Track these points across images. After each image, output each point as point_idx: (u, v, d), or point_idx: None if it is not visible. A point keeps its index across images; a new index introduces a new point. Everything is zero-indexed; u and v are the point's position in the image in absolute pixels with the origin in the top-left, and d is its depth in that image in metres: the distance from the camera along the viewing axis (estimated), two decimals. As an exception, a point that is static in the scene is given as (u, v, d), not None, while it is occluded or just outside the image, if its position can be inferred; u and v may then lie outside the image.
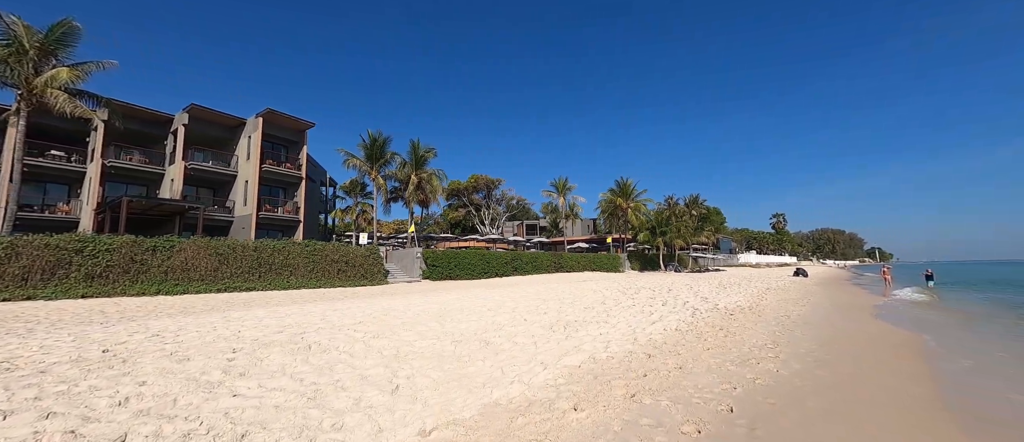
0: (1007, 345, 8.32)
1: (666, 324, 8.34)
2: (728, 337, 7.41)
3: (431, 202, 36.67)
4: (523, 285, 19.55)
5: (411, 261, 25.82)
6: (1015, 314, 12.90)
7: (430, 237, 42.83)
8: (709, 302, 12.51)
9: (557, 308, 9.90)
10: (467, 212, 63.07)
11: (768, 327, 8.63)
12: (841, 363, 5.99)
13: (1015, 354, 7.57)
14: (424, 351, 5.34)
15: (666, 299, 12.71)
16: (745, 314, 10.45)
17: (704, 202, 69.10)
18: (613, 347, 6.13)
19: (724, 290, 17.12)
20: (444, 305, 9.65)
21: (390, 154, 30.63)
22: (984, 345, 8.36)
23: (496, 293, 14.06)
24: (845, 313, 12.20)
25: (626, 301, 12.01)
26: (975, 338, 9.11)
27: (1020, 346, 8.30)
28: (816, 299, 15.55)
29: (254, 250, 17.82)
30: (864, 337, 8.39)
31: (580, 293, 13.88)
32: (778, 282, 25.39)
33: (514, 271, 30.52)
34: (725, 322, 9.01)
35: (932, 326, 10.45)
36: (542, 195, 47.09)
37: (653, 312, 9.94)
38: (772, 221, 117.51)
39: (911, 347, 7.63)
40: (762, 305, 12.47)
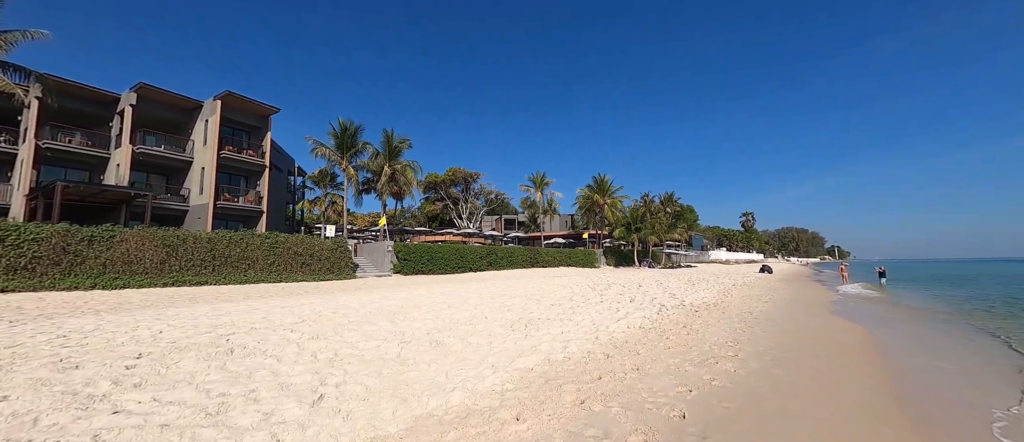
0: (950, 342, 8.64)
1: (631, 322, 8.20)
2: (691, 335, 7.32)
3: (406, 195, 35.78)
4: (495, 280, 19.22)
5: (382, 255, 25.02)
6: (953, 310, 13.63)
7: (405, 230, 41.86)
8: (677, 299, 12.56)
9: (522, 305, 9.61)
10: (444, 206, 62.11)
11: (731, 324, 8.64)
12: (798, 361, 5.96)
13: (954, 351, 7.84)
14: (365, 353, 4.91)
15: (635, 296, 12.67)
16: (710, 311, 10.49)
17: (678, 200, 70.65)
18: (572, 347, 5.87)
19: (693, 286, 17.35)
20: (404, 301, 9.18)
21: (362, 144, 29.51)
22: (929, 341, 8.65)
23: (464, 289, 13.66)
24: (805, 309, 12.50)
25: (595, 298, 11.88)
26: (924, 334, 9.44)
27: (960, 344, 8.63)
28: (778, 296, 15.96)
29: (208, 241, 16.70)
30: (821, 334, 8.52)
31: (550, 289, 13.68)
32: (745, 279, 26.13)
33: (489, 266, 30.16)
34: (690, 319, 8.97)
35: (883, 322, 10.82)
36: (520, 190, 46.70)
37: (620, 309, 9.81)
38: (742, 219, 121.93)
39: (864, 343, 7.78)
40: (727, 302, 12.62)
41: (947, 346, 8.18)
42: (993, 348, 7.99)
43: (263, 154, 25.20)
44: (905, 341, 8.62)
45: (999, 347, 8.05)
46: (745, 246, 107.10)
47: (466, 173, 60.61)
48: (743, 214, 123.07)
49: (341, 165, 29.02)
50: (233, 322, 6.22)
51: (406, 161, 32.26)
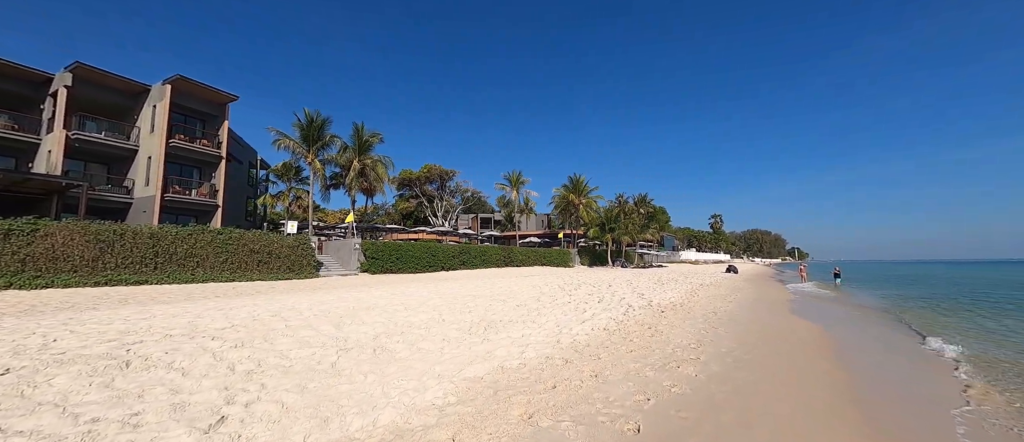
0: (893, 339, 8.92)
1: (596, 323, 7.97)
2: (655, 336, 7.15)
3: (377, 191, 34.56)
4: (465, 280, 18.73)
5: (348, 253, 23.99)
6: (894, 306, 14.35)
7: (376, 228, 40.58)
8: (645, 299, 12.51)
9: (486, 306, 9.22)
10: (419, 203, 60.85)
11: (695, 325, 8.57)
12: (758, 363, 5.86)
13: (901, 350, 8.06)
14: (295, 364, 4.37)
15: (603, 296, 12.53)
16: (676, 311, 10.46)
17: (651, 201, 72.25)
18: (530, 352, 5.53)
19: (661, 286, 17.49)
20: (359, 302, 8.59)
21: (329, 137, 28.23)
22: (880, 340, 8.90)
23: (430, 288, 13.13)
24: (766, 309, 12.76)
25: (563, 298, 11.64)
26: (871, 332, 9.73)
27: (906, 341, 8.92)
28: (742, 295, 16.31)
29: (150, 237, 15.35)
30: (781, 333, 8.59)
31: (519, 289, 13.35)
32: (712, 278, 26.79)
33: (462, 265, 29.59)
34: (655, 320, 8.84)
35: (838, 321, 11.14)
36: (495, 188, 46.24)
37: (587, 310, 9.59)
38: (711, 221, 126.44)
39: (821, 343, 7.86)
40: (693, 302, 12.70)
41: (890, 343, 8.43)
42: (928, 346, 8.27)
43: (219, 144, 23.60)
44: (856, 340, 8.82)
45: (932, 343, 8.35)
46: (713, 247, 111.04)
47: (442, 170, 59.58)
48: (712, 216, 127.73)
49: (307, 158, 27.65)
50: (150, 327, 5.49)
51: (377, 156, 31.16)
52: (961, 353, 7.23)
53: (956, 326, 10.65)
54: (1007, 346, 8.10)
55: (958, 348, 7.49)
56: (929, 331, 9.55)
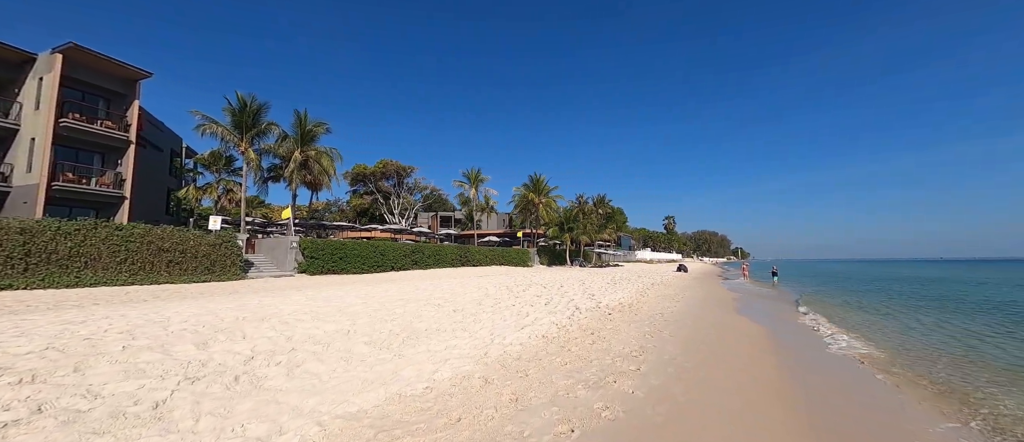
0: (824, 339, 9.03)
1: (535, 330, 7.25)
2: (596, 344, 6.54)
3: (323, 185, 32.09)
4: (410, 281, 17.51)
5: (284, 252, 21.84)
6: (830, 302, 15.07)
7: (323, 225, 37.89)
8: (594, 300, 12.07)
9: (416, 312, 8.23)
10: (374, 200, 57.96)
11: (641, 328, 8.12)
12: (702, 373, 5.39)
13: (827, 345, 8.09)
14: (97, 407, 3.19)
15: (552, 297, 11.93)
16: (623, 313, 10.04)
17: (610, 202, 73.94)
18: (445, 370, 4.66)
19: (614, 286, 17.28)
20: (259, 311, 7.28)
21: (267, 124, 25.64)
22: (805, 335, 8.96)
23: (364, 291, 11.87)
24: (713, 308, 12.77)
25: (508, 300, 10.88)
26: (808, 330, 9.86)
27: (841, 339, 9.05)
28: (690, 294, 16.47)
29: (21, 232, 12.79)
30: (725, 335, 8.36)
31: (463, 291, 12.44)
32: (663, 277, 27.34)
33: (414, 265, 28.13)
34: (600, 324, 8.30)
35: (778, 320, 11.28)
36: (453, 185, 44.90)
37: (529, 314, 8.88)
38: (665, 222, 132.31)
39: (764, 348, 7.67)
40: (642, 302, 12.44)
41: (820, 338, 8.49)
42: (865, 343, 8.41)
43: (127, 127, 20.55)
44: (798, 342, 8.81)
45: (858, 341, 8.50)
46: (667, 247, 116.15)
47: (399, 166, 57.11)
48: (666, 217, 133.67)
49: (239, 147, 24.96)
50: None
51: (323, 148, 28.86)
52: (851, 340, 7.29)
53: (856, 311, 11.13)
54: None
55: (846, 339, 7.60)
56: (834, 317, 9.82)
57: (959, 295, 18.76)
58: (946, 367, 6.74)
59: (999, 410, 4.78)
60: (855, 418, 4.43)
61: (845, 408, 4.75)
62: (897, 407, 4.82)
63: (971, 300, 16.77)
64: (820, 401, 4.86)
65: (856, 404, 4.99)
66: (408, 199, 60.19)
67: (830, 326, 10.54)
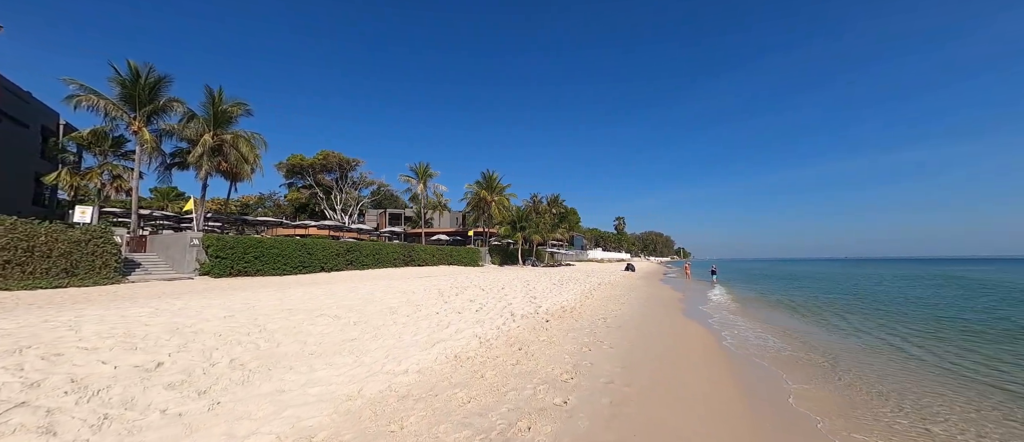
0: (782, 338, 8.60)
1: (449, 347, 5.88)
2: (521, 363, 5.31)
3: (243, 176, 28.33)
4: (335, 283, 15.41)
5: (182, 250, 18.54)
6: (771, 302, 15.27)
7: (245, 220, 33.71)
8: (535, 304, 10.95)
9: (296, 326, 6.52)
10: (313, 194, 53.31)
11: (579, 338, 7.05)
12: (644, 400, 4.32)
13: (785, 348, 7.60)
14: None
15: (486, 302, 10.63)
16: (563, 319, 8.98)
17: (563, 202, 74.55)
18: (271, 427, 3.13)
19: (560, 287, 16.39)
20: (33, 334, 5.19)
21: (167, 101, 21.90)
22: (759, 339, 8.49)
23: (255, 297, 9.79)
24: (658, 311, 12.19)
25: (433, 307, 9.41)
26: (759, 332, 9.46)
27: (784, 337, 8.67)
28: (636, 295, 16.01)
29: None
30: (672, 344, 7.56)
31: (384, 296, 10.76)
32: (611, 277, 27.20)
33: (348, 264, 25.57)
34: (533, 335, 7.11)
35: (723, 324, 10.85)
36: (400, 180, 42.22)
37: (451, 324, 7.49)
38: (615, 223, 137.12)
39: (712, 358, 6.92)
40: (586, 305, 11.54)
41: (778, 342, 8.02)
42: (798, 342, 8.04)
43: (-38, 91, 16.22)
44: (746, 348, 8.24)
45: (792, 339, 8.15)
46: (617, 246, 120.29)
47: (341, 158, 52.94)
48: (616, 218, 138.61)
49: (132, 126, 21.03)
50: None
51: (243, 132, 25.36)
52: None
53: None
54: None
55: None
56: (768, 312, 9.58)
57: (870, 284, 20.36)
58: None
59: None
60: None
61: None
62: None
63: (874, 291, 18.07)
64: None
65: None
66: (352, 194, 56.11)
67: (760, 325, 10.30)
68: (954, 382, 5.69)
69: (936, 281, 28.00)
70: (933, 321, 11.05)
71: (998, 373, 6.09)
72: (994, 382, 5.68)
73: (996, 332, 9.27)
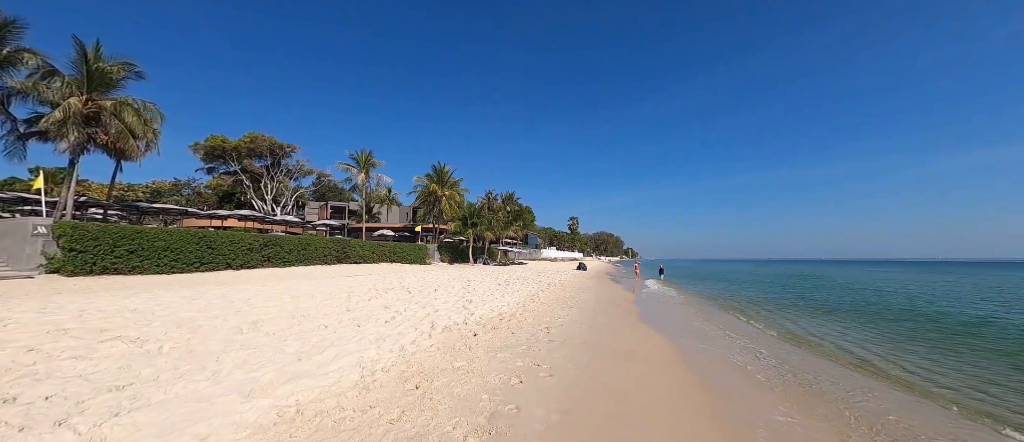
0: (760, 350, 7.46)
1: (307, 387, 3.82)
2: (408, 413, 3.39)
3: (132, 153, 23.52)
4: (224, 285, 12.47)
5: (21, 241, 14.35)
6: (726, 302, 14.67)
7: (137, 206, 28.34)
8: (468, 309, 9.06)
9: (100, 360, 4.09)
10: (236, 181, 47.19)
11: (509, 362, 5.28)
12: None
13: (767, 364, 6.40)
14: None
15: (405, 309, 8.56)
16: (498, 330, 7.18)
17: (519, 200, 73.48)
18: None
19: (502, 289, 14.64)
20: None
21: (15, 50, 17.24)
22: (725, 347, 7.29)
23: (60, 306, 6.94)
24: (611, 315, 10.80)
25: (330, 317, 7.20)
26: (724, 340, 8.30)
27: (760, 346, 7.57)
28: (588, 297, 14.68)
29: None
30: (628, 363, 6.03)
31: (267, 302, 8.31)
32: (562, 276, 26.06)
33: (266, 261, 22.00)
34: (449, 359, 5.22)
35: (683, 332, 9.66)
36: (338, 168, 38.26)
37: (334, 345, 5.38)
38: (569, 222, 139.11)
39: (678, 370, 5.45)
40: (528, 310, 9.85)
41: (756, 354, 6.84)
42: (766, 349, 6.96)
43: None
44: (703, 355, 6.95)
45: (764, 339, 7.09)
46: (570, 246, 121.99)
47: (273, 142, 47.31)
48: (570, 218, 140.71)
49: (-43, 79, 16.15)
50: None
51: (131, 99, 20.82)
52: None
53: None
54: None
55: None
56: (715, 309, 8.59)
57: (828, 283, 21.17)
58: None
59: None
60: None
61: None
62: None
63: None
64: None
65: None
66: (286, 183, 50.55)
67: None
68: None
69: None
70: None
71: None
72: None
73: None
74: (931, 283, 28.45)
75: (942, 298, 17.81)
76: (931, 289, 22.93)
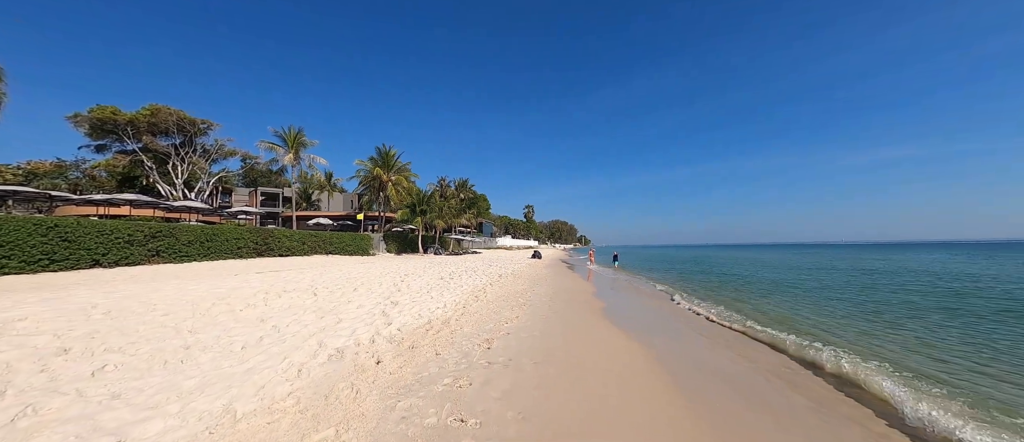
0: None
1: None
2: None
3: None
4: (76, 288, 9.05)
5: None
6: (664, 279, 13.70)
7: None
8: (386, 317, 6.83)
9: None
10: (133, 161, 39.82)
11: (415, 413, 3.22)
12: None
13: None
14: None
15: (290, 321, 6.14)
16: (417, 349, 5.07)
17: (473, 187, 70.77)
18: None
19: (444, 284, 12.47)
20: None
21: None
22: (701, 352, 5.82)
23: None
24: (571, 314, 9.07)
25: (149, 347, 4.63)
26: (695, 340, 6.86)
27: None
28: (543, 290, 12.94)
29: None
30: (599, 382, 4.22)
31: (50, 325, 5.48)
32: (515, 266, 24.34)
33: (153, 256, 17.86)
34: (305, 426, 3.02)
35: (655, 329, 8.16)
36: (260, 147, 33.25)
37: (120, 409, 2.94)
38: (525, 211, 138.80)
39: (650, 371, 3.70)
40: (469, 313, 7.81)
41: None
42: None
43: None
44: (682, 361, 5.38)
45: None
46: (526, 234, 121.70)
47: (181, 117, 40.29)
48: (526, 206, 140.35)
49: None
50: None
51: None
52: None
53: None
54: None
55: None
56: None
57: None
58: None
59: None
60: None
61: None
62: None
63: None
64: None
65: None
66: (202, 166, 43.70)
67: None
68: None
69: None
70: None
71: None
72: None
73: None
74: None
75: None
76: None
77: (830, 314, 9.36)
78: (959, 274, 18.30)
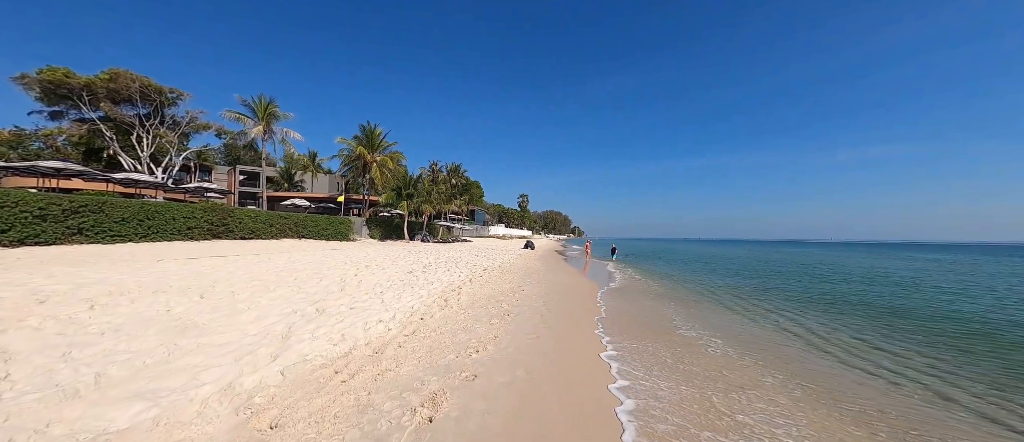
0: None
1: None
2: None
3: None
4: None
5: None
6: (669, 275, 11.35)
7: None
8: (286, 340, 4.33)
9: None
10: (93, 131, 36.32)
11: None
12: None
13: None
14: None
15: (177, 349, 3.55)
16: (276, 431, 2.59)
17: (466, 173, 67.81)
18: None
19: (412, 279, 9.96)
20: None
21: None
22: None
23: None
24: (568, 331, 6.65)
25: None
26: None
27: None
28: (534, 289, 10.47)
29: None
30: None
31: None
32: (506, 257, 21.91)
33: (75, 234, 15.06)
34: None
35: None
36: (226, 117, 30.07)
37: None
38: (519, 200, 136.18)
39: None
40: (427, 327, 5.30)
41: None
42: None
43: None
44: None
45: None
46: (520, 223, 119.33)
47: (145, 83, 36.62)
48: (520, 195, 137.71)
49: None
50: None
51: None
52: None
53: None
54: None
55: None
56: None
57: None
58: None
59: None
60: None
61: None
62: None
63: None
64: None
65: None
66: (169, 138, 40.19)
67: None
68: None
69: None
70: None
71: None
72: None
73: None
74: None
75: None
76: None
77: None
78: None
